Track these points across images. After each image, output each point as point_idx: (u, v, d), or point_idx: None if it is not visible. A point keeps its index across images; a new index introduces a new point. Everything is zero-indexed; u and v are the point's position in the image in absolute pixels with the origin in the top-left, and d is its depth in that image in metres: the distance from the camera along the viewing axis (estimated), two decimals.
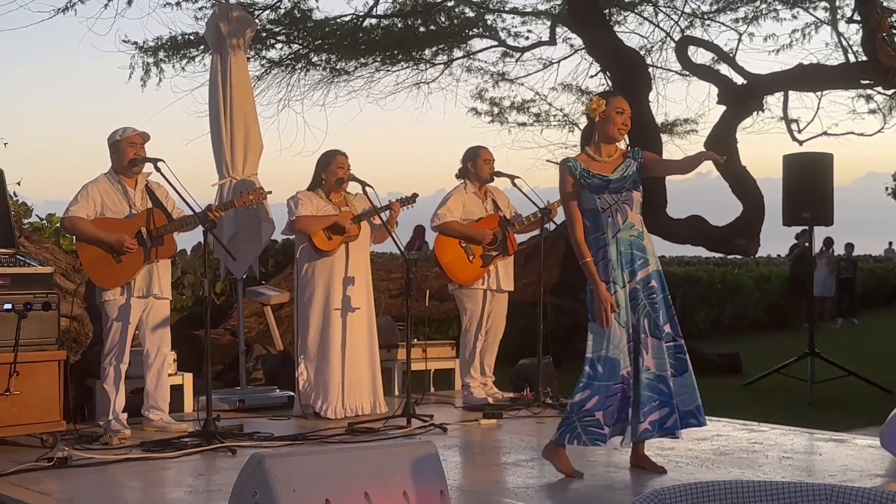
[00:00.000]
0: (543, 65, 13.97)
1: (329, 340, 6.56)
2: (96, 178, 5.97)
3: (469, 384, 7.16)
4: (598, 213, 4.76)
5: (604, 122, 4.81)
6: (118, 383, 5.91)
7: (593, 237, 4.76)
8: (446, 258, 7.03)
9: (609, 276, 4.69)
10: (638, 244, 4.77)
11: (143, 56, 11.98)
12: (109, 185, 5.95)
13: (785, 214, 9.74)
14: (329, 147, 6.90)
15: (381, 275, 9.82)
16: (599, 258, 4.73)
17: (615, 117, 4.81)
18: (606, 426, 4.68)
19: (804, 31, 12.15)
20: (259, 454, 3.27)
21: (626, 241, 4.74)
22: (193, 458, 5.27)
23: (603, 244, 4.73)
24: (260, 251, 7.54)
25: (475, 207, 7.08)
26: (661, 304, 4.76)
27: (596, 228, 4.76)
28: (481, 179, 7.12)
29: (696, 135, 14.14)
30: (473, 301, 7.10)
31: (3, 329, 5.32)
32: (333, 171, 6.64)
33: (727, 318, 17.36)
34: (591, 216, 4.78)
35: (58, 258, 7.06)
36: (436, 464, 3.49)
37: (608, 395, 4.67)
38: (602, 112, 4.78)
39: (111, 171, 6.00)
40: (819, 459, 5.44)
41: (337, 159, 6.67)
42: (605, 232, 4.73)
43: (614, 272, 4.70)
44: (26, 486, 4.50)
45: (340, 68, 13.20)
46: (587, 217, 4.79)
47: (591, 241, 4.76)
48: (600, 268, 4.70)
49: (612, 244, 4.72)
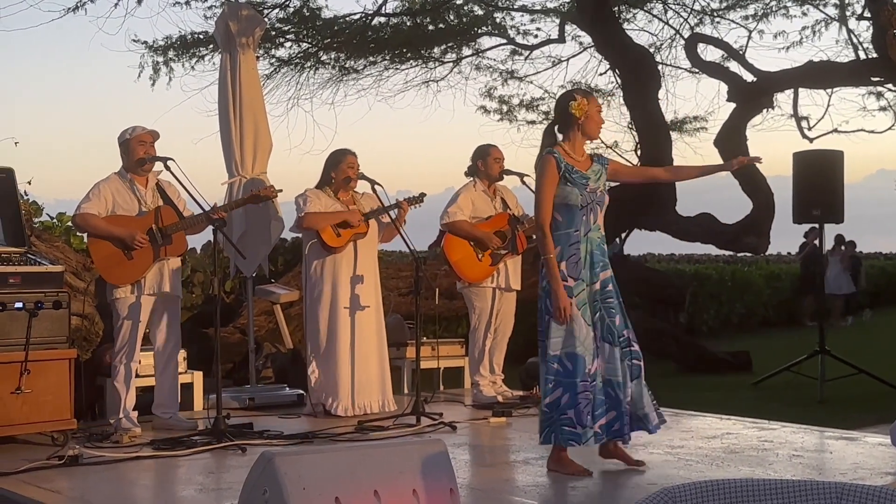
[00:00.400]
0: (552, 63, 13.98)
1: (338, 338, 6.56)
2: (108, 176, 6.00)
3: (478, 382, 7.16)
4: (576, 209, 4.77)
5: (587, 121, 4.85)
6: (129, 381, 5.93)
7: (565, 232, 4.76)
8: (455, 256, 7.02)
9: (578, 273, 4.73)
10: (601, 247, 4.85)
11: (152, 55, 12.03)
12: (120, 183, 5.98)
13: (795, 212, 9.71)
14: (338, 145, 6.91)
15: (391, 273, 9.84)
16: (570, 254, 4.74)
17: (597, 116, 4.88)
18: (578, 425, 4.65)
19: (814, 28, 12.14)
20: (269, 452, 3.28)
21: (595, 241, 4.82)
22: (203, 456, 5.28)
23: (575, 241, 4.75)
24: (269, 249, 7.55)
25: (484, 205, 7.08)
26: (617, 309, 4.82)
27: (570, 224, 4.77)
28: (491, 178, 7.12)
29: (706, 132, 14.14)
30: (482, 299, 7.10)
31: (14, 328, 5.34)
32: (343, 171, 6.65)
33: (737, 316, 17.33)
34: (567, 212, 4.77)
35: (68, 257, 7.07)
36: (445, 462, 3.50)
37: (577, 393, 4.66)
38: (586, 111, 4.82)
39: (122, 169, 6.03)
40: (829, 458, 5.42)
41: (347, 158, 6.68)
42: (579, 229, 4.76)
43: (582, 270, 4.74)
44: (37, 485, 4.52)
45: (349, 67, 13.21)
46: (561, 212, 4.78)
47: (562, 236, 4.76)
48: (570, 263, 4.72)
49: (584, 242, 4.76)
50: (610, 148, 14.09)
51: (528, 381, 7.74)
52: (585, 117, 4.82)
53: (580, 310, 4.71)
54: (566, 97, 4.91)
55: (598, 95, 13.96)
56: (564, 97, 4.94)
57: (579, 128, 4.85)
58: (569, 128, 4.88)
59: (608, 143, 14.16)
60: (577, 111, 4.80)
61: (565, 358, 4.69)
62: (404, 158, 45.08)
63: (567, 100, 4.87)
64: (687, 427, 6.29)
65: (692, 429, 6.19)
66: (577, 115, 4.81)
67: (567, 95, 4.93)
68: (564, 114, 4.87)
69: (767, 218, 11.41)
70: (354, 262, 6.64)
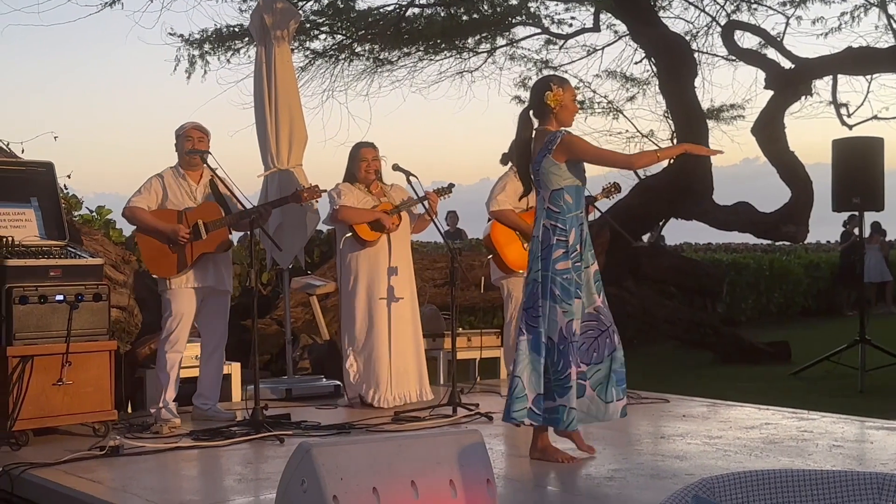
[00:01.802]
0: (587, 52, 13.88)
1: (376, 330, 6.59)
2: (162, 170, 6.13)
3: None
4: (581, 190, 4.89)
5: (562, 111, 4.89)
6: (172, 372, 6.00)
7: (574, 214, 4.83)
8: (502, 244, 7.02)
9: (585, 253, 4.84)
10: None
11: (188, 48, 12.10)
12: (173, 178, 6.10)
13: (834, 200, 9.61)
14: (372, 137, 6.95)
15: (426, 264, 9.82)
16: (579, 234, 4.82)
17: (572, 105, 4.93)
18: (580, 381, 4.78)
19: (853, 13, 11.93)
20: (306, 443, 3.30)
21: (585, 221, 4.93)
22: (242, 446, 5.32)
23: (580, 222, 4.86)
24: (305, 241, 7.59)
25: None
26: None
27: (577, 206, 4.86)
28: None
29: (743, 120, 13.96)
30: (519, 289, 7.08)
31: (55, 320, 5.41)
32: (358, 166, 6.68)
33: (775, 306, 17.17)
34: (576, 193, 4.86)
35: (107, 250, 7.14)
36: (482, 452, 3.50)
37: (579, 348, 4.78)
38: (561, 101, 4.86)
39: (176, 164, 6.14)
40: (870, 448, 5.37)
41: (361, 152, 6.71)
42: (582, 210, 4.88)
43: (586, 251, 4.86)
44: (79, 475, 4.58)
45: (383, 58, 13.20)
46: (571, 193, 4.84)
47: (572, 219, 4.81)
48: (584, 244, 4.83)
49: (585, 223, 4.89)
50: (646, 137, 13.99)
51: None
52: (560, 107, 4.87)
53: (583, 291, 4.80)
54: (542, 86, 4.92)
55: (633, 84, 13.96)
56: (540, 86, 4.95)
57: (555, 117, 4.89)
58: (545, 116, 4.92)
59: (644, 132, 14.06)
60: (552, 101, 4.85)
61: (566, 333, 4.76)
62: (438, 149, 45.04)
63: (542, 89, 4.89)
64: (725, 417, 6.25)
65: (731, 419, 6.16)
66: (552, 106, 4.86)
67: (542, 84, 4.94)
68: (540, 103, 4.90)
69: (806, 206, 11.28)
70: (389, 253, 6.66)
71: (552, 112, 4.87)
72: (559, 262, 4.76)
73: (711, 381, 9.16)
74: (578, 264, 4.80)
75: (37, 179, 5.96)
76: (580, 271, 4.81)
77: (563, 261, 4.76)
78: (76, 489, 4.34)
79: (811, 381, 9.38)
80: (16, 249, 5.50)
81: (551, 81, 4.91)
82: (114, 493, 4.29)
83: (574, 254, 4.79)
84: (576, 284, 4.77)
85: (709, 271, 13.05)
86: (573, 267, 4.77)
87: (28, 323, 5.33)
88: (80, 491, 4.31)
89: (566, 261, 4.76)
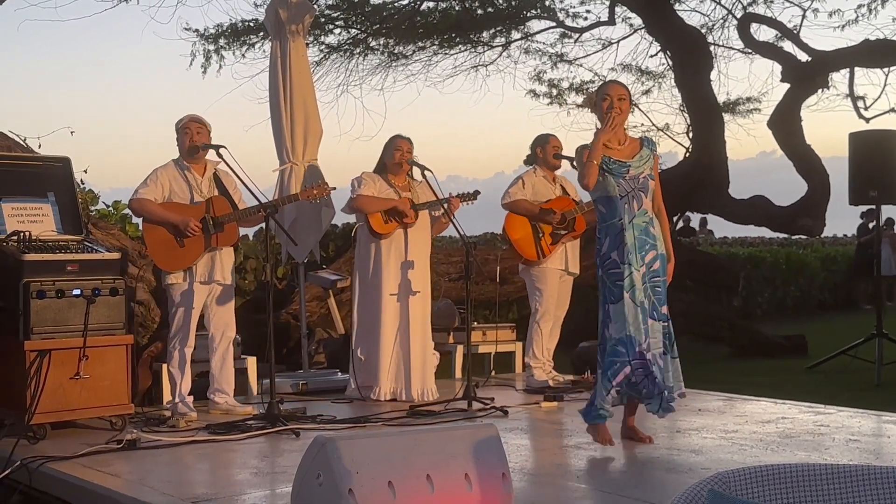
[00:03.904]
0: (602, 45, 13.84)
1: (382, 324, 6.59)
2: (166, 163, 6.10)
3: (532, 366, 7.16)
4: (616, 199, 4.91)
5: (598, 113, 5.03)
6: (184, 367, 6.01)
7: (610, 223, 4.93)
8: (517, 235, 7.05)
9: (625, 258, 4.87)
10: (647, 230, 4.97)
11: (203, 43, 12.13)
12: (177, 171, 6.08)
13: (851, 193, 9.56)
14: (387, 131, 6.95)
15: (441, 258, 9.83)
16: (619, 243, 4.89)
17: (602, 105, 4.99)
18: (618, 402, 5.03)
19: (870, 6, 11.84)
20: (322, 437, 3.31)
21: (640, 226, 4.95)
22: (258, 440, 5.34)
23: (619, 229, 4.90)
24: (320, 236, 7.61)
25: (545, 190, 7.12)
26: (662, 287, 5.00)
27: (613, 214, 4.93)
28: (549, 165, 7.15)
29: (759, 113, 13.89)
30: (547, 282, 7.10)
31: (72, 314, 5.43)
32: (392, 154, 6.70)
33: (792, 299, 17.11)
34: (608, 203, 4.94)
35: (124, 244, 7.18)
36: (497, 446, 3.50)
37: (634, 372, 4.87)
38: (593, 104, 5.03)
39: (179, 157, 6.12)
40: (887, 442, 5.35)
41: (396, 142, 6.72)
42: (622, 217, 4.90)
43: (630, 255, 4.88)
44: (97, 468, 4.60)
45: (398, 52, 13.20)
46: (602, 204, 4.97)
47: (608, 227, 4.93)
48: (620, 252, 4.89)
49: (629, 229, 4.91)
50: (661, 130, 13.95)
51: (580, 365, 7.71)
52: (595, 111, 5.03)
53: (628, 293, 4.84)
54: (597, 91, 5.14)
55: (649, 77, 13.91)
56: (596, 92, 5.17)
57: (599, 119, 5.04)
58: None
59: (659, 126, 14.02)
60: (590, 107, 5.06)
61: (619, 343, 4.84)
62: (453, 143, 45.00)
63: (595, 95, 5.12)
64: (741, 411, 6.23)
65: (746, 413, 6.14)
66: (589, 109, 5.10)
67: (599, 89, 5.15)
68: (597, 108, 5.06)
69: (823, 200, 11.23)
70: (406, 248, 6.66)
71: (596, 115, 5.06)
72: (599, 270, 4.97)
73: (727, 376, 9.14)
74: (613, 271, 4.89)
75: (54, 174, 5.98)
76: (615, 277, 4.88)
77: (600, 269, 4.96)
78: (94, 482, 4.36)
79: (828, 375, 9.35)
80: (33, 244, 5.52)
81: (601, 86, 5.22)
82: (131, 486, 4.31)
83: (608, 261, 4.91)
84: (609, 290, 4.89)
85: (725, 265, 13.02)
86: (606, 274, 4.91)
87: (45, 317, 5.36)
88: (97, 484, 4.33)
89: (599, 267, 4.96)
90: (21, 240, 5.50)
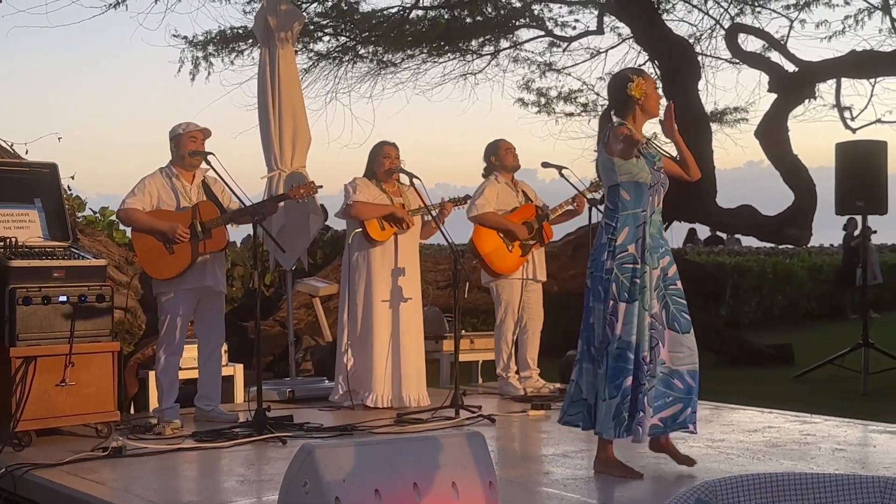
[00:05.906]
0: (591, 54, 13.87)
1: (374, 330, 6.59)
2: (153, 172, 6.09)
3: (504, 375, 7.18)
4: (645, 188, 4.59)
5: (647, 100, 4.68)
6: (172, 373, 6.00)
7: (633, 212, 4.56)
8: (486, 249, 7.06)
9: (643, 254, 4.52)
10: (661, 231, 4.71)
11: (192, 50, 12.12)
12: (166, 179, 6.07)
13: (838, 203, 9.61)
14: (376, 139, 6.96)
15: (429, 266, 9.82)
16: (639, 236, 4.52)
17: (655, 94, 4.73)
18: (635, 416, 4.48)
19: (857, 17, 11.91)
20: (309, 445, 3.30)
21: (657, 224, 4.65)
22: (245, 448, 5.32)
23: (642, 221, 4.56)
24: (308, 243, 7.60)
25: (508, 198, 7.14)
26: (681, 295, 4.67)
27: (638, 203, 4.58)
28: (508, 168, 7.17)
29: (747, 123, 13.93)
30: (510, 292, 7.13)
31: (58, 321, 5.41)
32: (380, 162, 6.70)
33: (779, 308, 17.14)
34: (636, 190, 4.59)
35: (111, 251, 7.16)
36: (484, 455, 3.50)
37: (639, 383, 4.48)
38: (644, 90, 4.66)
39: (169, 165, 6.11)
40: (873, 451, 5.36)
41: (383, 149, 6.73)
42: (646, 209, 4.58)
43: (647, 253, 4.53)
44: (82, 476, 4.58)
45: (387, 60, 13.21)
46: (629, 190, 4.59)
47: (630, 217, 4.56)
48: (639, 245, 4.51)
49: (649, 224, 4.58)
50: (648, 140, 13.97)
51: (568, 373, 7.71)
52: (645, 96, 4.66)
53: (640, 295, 4.48)
54: (621, 80, 4.71)
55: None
56: (619, 80, 4.73)
57: (641, 108, 4.69)
58: (628, 110, 4.69)
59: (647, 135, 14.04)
60: (637, 91, 4.62)
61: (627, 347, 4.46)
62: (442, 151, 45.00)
63: (624, 82, 4.67)
64: (728, 420, 6.25)
65: (733, 422, 6.15)
66: (637, 96, 4.63)
67: (622, 77, 4.72)
68: (622, 96, 4.69)
69: (810, 209, 11.27)
70: (395, 255, 6.67)
71: (637, 103, 4.66)
72: (606, 262, 4.53)
73: (714, 384, 9.12)
74: (629, 266, 4.49)
75: (41, 180, 5.96)
76: (631, 273, 4.48)
77: (610, 261, 4.52)
78: (79, 490, 4.34)
79: (814, 384, 9.37)
80: (19, 250, 5.50)
81: (630, 73, 4.74)
82: (116, 493, 4.29)
83: (623, 254, 4.50)
84: (622, 286, 4.48)
85: (712, 274, 13.04)
86: (619, 268, 4.49)
87: (31, 324, 5.33)
88: (82, 492, 4.31)
89: (612, 261, 4.52)
90: (7, 246, 5.47)
